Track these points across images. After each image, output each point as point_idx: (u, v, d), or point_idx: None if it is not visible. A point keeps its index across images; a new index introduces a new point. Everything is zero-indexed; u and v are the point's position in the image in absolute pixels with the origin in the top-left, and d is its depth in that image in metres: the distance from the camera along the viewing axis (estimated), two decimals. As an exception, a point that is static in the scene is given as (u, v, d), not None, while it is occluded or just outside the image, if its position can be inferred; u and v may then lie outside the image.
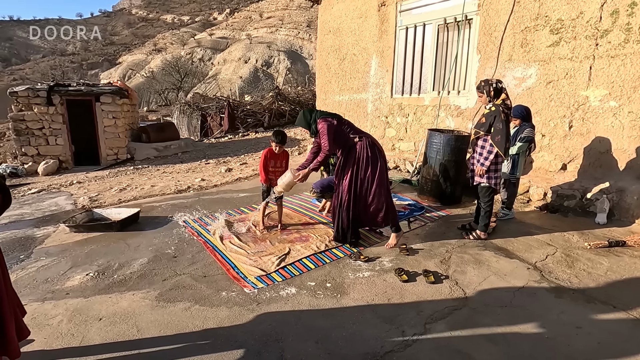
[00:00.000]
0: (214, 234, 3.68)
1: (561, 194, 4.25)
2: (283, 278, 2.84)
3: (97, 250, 3.43)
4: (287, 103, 16.11)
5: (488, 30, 5.10)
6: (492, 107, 3.27)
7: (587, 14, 4.20)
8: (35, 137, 8.89)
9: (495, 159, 3.28)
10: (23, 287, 2.79)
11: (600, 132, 4.22)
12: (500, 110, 3.20)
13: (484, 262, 3.05)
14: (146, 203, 4.97)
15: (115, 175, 7.73)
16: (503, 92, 3.28)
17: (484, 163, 3.30)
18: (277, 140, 3.69)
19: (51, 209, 5.04)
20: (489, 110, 3.28)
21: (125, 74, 55.20)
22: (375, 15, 6.60)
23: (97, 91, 9.28)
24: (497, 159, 3.30)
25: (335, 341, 2.13)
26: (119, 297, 2.62)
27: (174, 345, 2.13)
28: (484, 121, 3.29)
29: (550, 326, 2.24)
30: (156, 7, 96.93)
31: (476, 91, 3.43)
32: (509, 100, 3.31)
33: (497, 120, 3.19)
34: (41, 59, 72.01)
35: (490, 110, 3.27)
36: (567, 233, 3.61)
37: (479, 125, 3.34)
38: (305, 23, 56.05)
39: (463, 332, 2.19)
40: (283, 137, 3.72)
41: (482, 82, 3.36)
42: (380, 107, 6.82)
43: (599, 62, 4.16)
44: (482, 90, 3.32)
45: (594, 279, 2.78)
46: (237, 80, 42.27)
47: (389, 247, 3.35)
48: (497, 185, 3.41)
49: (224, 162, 8.67)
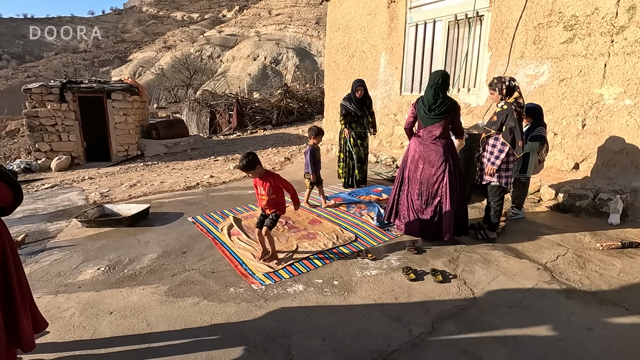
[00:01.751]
0: (222, 230, 3.71)
1: (573, 193, 4.18)
2: (290, 275, 2.85)
3: (108, 245, 3.49)
4: (295, 100, 16.13)
5: (500, 27, 5.02)
6: (504, 105, 3.21)
7: (602, 10, 4.11)
8: (49, 133, 9.05)
9: (506, 158, 3.21)
10: (37, 280, 2.85)
11: (614, 131, 4.14)
12: (512, 108, 3.14)
13: (493, 261, 3.02)
14: (156, 199, 5.03)
15: (125, 172, 7.83)
16: (516, 90, 3.22)
17: (495, 162, 3.24)
18: (240, 166, 2.83)
19: (64, 204, 5.14)
20: (501, 109, 3.22)
21: (135, 71, 55.81)
22: (384, 12, 6.55)
23: (109, 88, 9.40)
24: (509, 158, 3.23)
25: (342, 339, 2.13)
26: (129, 292, 2.66)
27: (183, 339, 2.16)
28: (496, 119, 3.22)
29: (560, 328, 2.21)
30: (166, 5, 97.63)
31: (488, 88, 3.37)
32: (522, 99, 3.24)
33: (509, 119, 3.13)
34: (54, 57, 73.16)
35: (502, 109, 3.21)
36: (578, 233, 3.55)
37: (491, 123, 3.28)
38: (314, 20, 55.92)
39: (471, 332, 2.18)
40: (248, 162, 2.75)
41: (494, 80, 3.29)
42: (389, 104, 6.78)
43: (614, 59, 4.07)
44: (494, 88, 3.26)
45: (606, 280, 2.74)
46: (246, 77, 42.43)
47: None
48: (508, 184, 3.35)
49: (233, 159, 8.71)
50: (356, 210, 4.24)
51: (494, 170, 3.26)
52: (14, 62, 71.52)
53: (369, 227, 3.78)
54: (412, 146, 3.41)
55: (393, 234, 3.61)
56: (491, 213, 3.42)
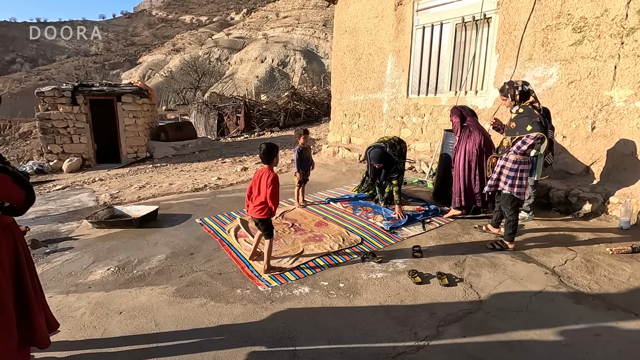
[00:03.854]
0: (229, 232, 3.75)
1: (582, 196, 4.13)
2: (296, 277, 2.87)
3: (118, 246, 3.55)
4: (302, 102, 16.18)
5: (507, 29, 5.00)
6: (519, 109, 3.07)
7: (612, 12, 4.06)
8: (60, 135, 9.23)
9: (520, 167, 3.07)
10: (48, 280, 2.91)
11: (624, 134, 4.08)
12: (530, 108, 2.99)
13: (500, 265, 3.00)
14: (164, 200, 5.10)
15: (135, 173, 7.94)
16: (531, 94, 3.06)
17: (521, 147, 2.99)
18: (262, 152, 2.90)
19: (75, 205, 5.23)
20: (517, 114, 3.07)
21: (145, 73, 56.55)
22: (391, 15, 6.55)
23: (119, 91, 9.56)
24: (524, 167, 3.09)
25: (347, 341, 2.14)
26: (138, 292, 2.71)
27: (190, 339, 2.19)
28: (515, 126, 3.06)
29: (568, 333, 2.19)
30: (175, 8, 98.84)
31: (499, 94, 3.25)
32: (538, 103, 3.11)
33: (532, 117, 2.96)
34: (66, 60, 74.52)
35: (518, 113, 3.07)
36: (588, 237, 3.51)
37: (511, 131, 3.10)
38: (322, 22, 56.06)
39: (477, 336, 2.17)
40: (269, 149, 2.86)
41: (506, 85, 3.13)
42: (395, 107, 6.77)
43: (624, 61, 4.02)
44: (506, 94, 3.11)
45: (616, 285, 2.70)
46: (254, 79, 42.68)
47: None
48: (521, 194, 3.18)
49: (240, 161, 8.78)
50: (362, 212, 4.25)
51: (522, 151, 3.00)
52: (27, 65, 73.03)
53: (375, 229, 3.78)
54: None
55: (399, 236, 3.61)
56: (505, 222, 3.30)
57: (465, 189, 3.92)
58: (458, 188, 3.96)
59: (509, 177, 3.14)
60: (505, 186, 3.17)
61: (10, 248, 1.69)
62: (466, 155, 3.88)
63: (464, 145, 3.90)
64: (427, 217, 4.07)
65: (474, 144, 3.84)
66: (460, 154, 3.92)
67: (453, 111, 4.08)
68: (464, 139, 3.92)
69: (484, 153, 3.81)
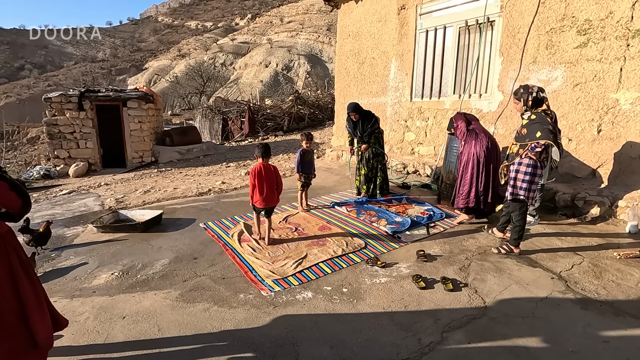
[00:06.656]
0: (232, 236, 3.75)
1: (589, 200, 4.08)
2: (299, 282, 2.86)
3: (122, 251, 3.57)
4: (306, 107, 16.23)
5: (511, 32, 4.98)
6: (531, 115, 3.02)
7: (617, 14, 4.04)
8: (67, 140, 9.33)
9: (533, 170, 3.01)
10: (53, 284, 2.93)
11: (631, 137, 4.03)
12: (543, 116, 2.95)
13: (505, 270, 2.97)
14: (169, 205, 5.12)
15: (140, 178, 8.00)
16: (544, 102, 3.00)
17: (535, 148, 2.94)
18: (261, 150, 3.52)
19: (80, 209, 5.27)
20: (529, 120, 3.02)
21: (150, 79, 57.16)
22: (394, 19, 6.57)
23: (125, 96, 9.65)
24: (536, 171, 3.03)
25: (350, 347, 2.13)
26: (142, 297, 2.71)
27: (193, 345, 2.19)
28: (526, 132, 3.01)
29: (575, 339, 2.15)
30: (181, 14, 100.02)
31: (512, 97, 3.19)
32: (551, 111, 3.06)
33: (544, 124, 2.92)
34: (73, 66, 75.58)
35: (530, 120, 3.02)
36: (595, 242, 3.46)
37: (521, 137, 3.05)
38: (326, 27, 56.37)
39: (482, 342, 2.14)
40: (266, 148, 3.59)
41: (520, 89, 3.06)
42: (399, 110, 6.76)
43: (630, 63, 3.98)
44: (520, 98, 3.05)
45: (624, 291, 2.66)
46: (258, 84, 42.97)
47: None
48: (530, 198, 3.12)
49: (244, 165, 8.81)
50: (366, 217, 4.23)
51: (538, 154, 2.96)
52: (35, 72, 74.21)
53: (379, 234, 3.76)
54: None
55: (403, 241, 3.59)
56: (512, 227, 3.25)
57: (476, 191, 3.89)
58: (467, 191, 3.93)
59: (524, 182, 3.06)
60: (520, 191, 3.10)
61: (4, 257, 1.70)
62: (474, 157, 3.87)
63: (471, 148, 3.89)
64: (432, 221, 4.05)
65: (481, 146, 3.83)
66: (468, 157, 3.91)
67: (457, 117, 4.13)
68: (471, 141, 3.91)
69: (491, 155, 3.83)
